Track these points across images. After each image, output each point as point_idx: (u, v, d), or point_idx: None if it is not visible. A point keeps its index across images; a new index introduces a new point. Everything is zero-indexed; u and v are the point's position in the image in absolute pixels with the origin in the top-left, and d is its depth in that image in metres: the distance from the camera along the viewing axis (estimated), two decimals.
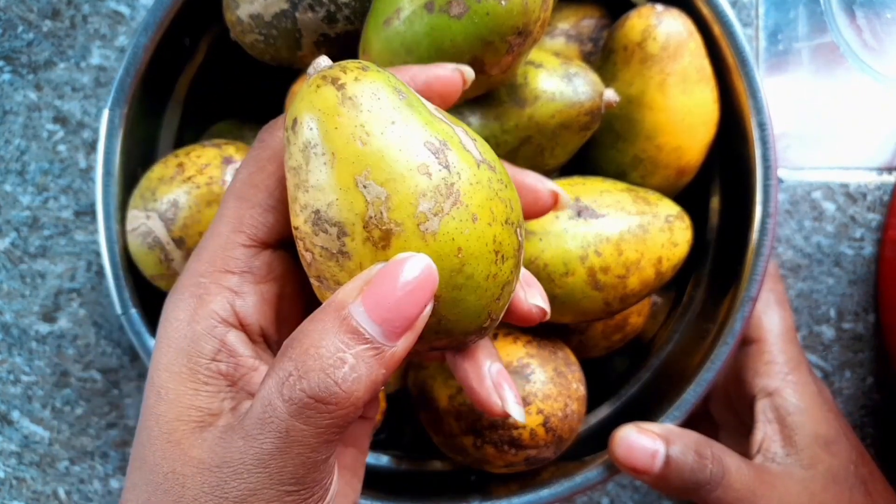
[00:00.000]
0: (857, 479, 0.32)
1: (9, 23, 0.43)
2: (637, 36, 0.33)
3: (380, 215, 0.19)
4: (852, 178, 0.43)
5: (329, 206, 0.20)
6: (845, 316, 0.43)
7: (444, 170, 0.20)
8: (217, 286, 0.21)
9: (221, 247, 0.22)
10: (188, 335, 0.21)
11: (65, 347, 0.43)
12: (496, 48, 0.27)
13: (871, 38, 0.42)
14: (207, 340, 0.21)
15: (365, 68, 0.21)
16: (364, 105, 0.20)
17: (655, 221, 0.32)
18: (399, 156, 0.20)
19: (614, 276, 0.31)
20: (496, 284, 0.21)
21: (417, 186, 0.19)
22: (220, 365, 0.21)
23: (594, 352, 0.38)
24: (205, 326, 0.21)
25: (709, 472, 0.30)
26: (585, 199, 0.32)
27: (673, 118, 0.33)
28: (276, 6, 0.31)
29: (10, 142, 0.43)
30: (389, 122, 0.20)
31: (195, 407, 0.20)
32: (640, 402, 0.37)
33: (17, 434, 0.43)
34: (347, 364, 0.19)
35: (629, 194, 0.32)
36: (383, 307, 0.19)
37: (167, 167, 0.33)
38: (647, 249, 0.32)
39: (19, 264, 0.43)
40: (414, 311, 0.19)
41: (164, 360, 0.21)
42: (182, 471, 0.20)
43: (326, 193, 0.20)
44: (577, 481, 0.32)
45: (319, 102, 0.20)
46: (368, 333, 0.19)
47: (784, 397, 0.33)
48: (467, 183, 0.20)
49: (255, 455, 0.19)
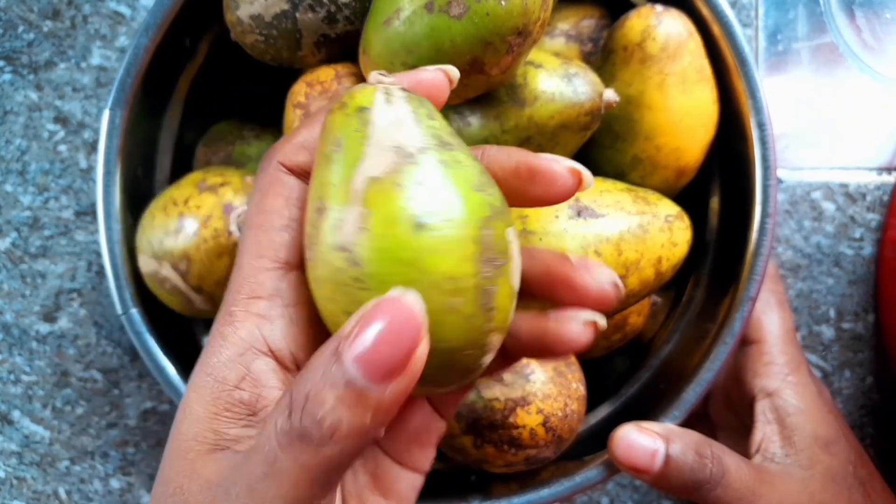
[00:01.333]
0: (855, 480, 0.33)
1: (9, 23, 0.43)
2: (636, 36, 0.33)
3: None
4: (852, 178, 0.43)
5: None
6: (845, 316, 0.43)
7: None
8: (245, 313, 0.21)
9: (246, 275, 0.22)
10: (217, 362, 0.21)
11: (65, 347, 0.43)
12: (496, 48, 0.27)
13: (871, 38, 0.42)
14: (232, 368, 0.21)
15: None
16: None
17: (655, 221, 0.32)
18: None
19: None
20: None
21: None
22: (242, 394, 0.21)
23: (594, 352, 0.38)
24: (231, 354, 0.21)
25: (708, 471, 0.30)
26: (585, 199, 0.32)
27: (672, 118, 0.33)
28: (276, 7, 0.31)
29: (10, 142, 0.43)
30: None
31: (212, 430, 0.20)
32: (639, 402, 0.37)
33: (18, 434, 0.43)
34: (328, 404, 0.18)
35: (629, 194, 0.32)
36: (365, 348, 0.18)
37: (168, 216, 0.33)
38: (646, 249, 0.32)
39: (20, 264, 0.43)
40: (397, 355, 0.18)
41: (195, 382, 0.21)
42: (189, 487, 0.20)
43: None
44: (577, 481, 0.32)
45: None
46: (350, 376, 0.18)
47: (784, 398, 0.33)
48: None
49: (247, 478, 0.19)
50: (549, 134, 0.32)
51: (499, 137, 0.31)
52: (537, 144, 0.32)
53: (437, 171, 0.19)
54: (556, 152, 0.33)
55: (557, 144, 0.32)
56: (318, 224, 0.20)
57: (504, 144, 0.31)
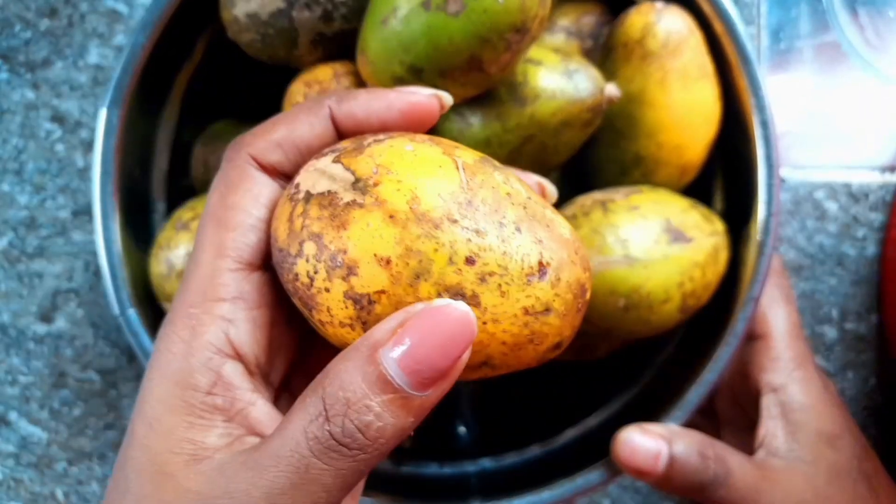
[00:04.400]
0: (860, 474, 0.32)
1: (6, 21, 0.43)
2: (637, 33, 0.33)
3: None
4: (855, 178, 0.43)
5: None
6: (848, 316, 0.43)
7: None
8: (209, 315, 0.20)
9: (208, 275, 0.21)
10: (183, 368, 0.20)
11: (62, 348, 0.43)
12: (494, 46, 0.27)
13: (874, 37, 0.42)
14: (203, 373, 0.20)
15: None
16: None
17: (719, 239, 0.32)
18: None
19: (697, 298, 0.32)
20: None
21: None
22: (216, 399, 0.20)
23: (596, 353, 0.38)
24: (200, 359, 0.20)
25: (712, 471, 0.30)
26: (675, 220, 0.32)
27: (674, 115, 0.33)
28: (272, 5, 0.31)
29: (7, 141, 0.43)
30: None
31: (188, 440, 0.20)
32: (642, 403, 0.37)
33: (15, 435, 0.43)
34: (373, 412, 0.18)
35: (696, 212, 0.33)
36: (414, 357, 0.18)
37: (159, 261, 0.34)
38: (717, 271, 0.32)
39: (17, 264, 0.43)
40: (446, 364, 0.18)
41: (157, 393, 0.20)
42: (175, 503, 0.19)
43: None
44: (578, 483, 0.32)
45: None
46: (397, 383, 0.18)
47: (789, 393, 0.33)
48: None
49: (265, 488, 0.18)
50: (552, 131, 0.31)
51: (501, 137, 0.31)
52: (540, 142, 0.32)
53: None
54: (559, 149, 0.32)
55: (560, 141, 0.32)
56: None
57: (507, 144, 0.31)
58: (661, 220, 0.32)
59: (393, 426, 0.18)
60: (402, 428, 0.18)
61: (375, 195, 0.19)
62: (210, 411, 0.20)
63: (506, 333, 0.19)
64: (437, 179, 0.19)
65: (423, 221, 0.19)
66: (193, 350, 0.20)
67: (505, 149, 0.31)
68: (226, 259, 0.21)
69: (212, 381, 0.20)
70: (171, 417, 0.20)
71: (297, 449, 0.18)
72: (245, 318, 0.21)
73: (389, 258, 0.19)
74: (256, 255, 0.21)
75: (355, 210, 0.19)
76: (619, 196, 0.33)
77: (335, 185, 0.20)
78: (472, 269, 0.19)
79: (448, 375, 0.18)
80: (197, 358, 0.20)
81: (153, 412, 0.20)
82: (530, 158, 0.32)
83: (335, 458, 0.18)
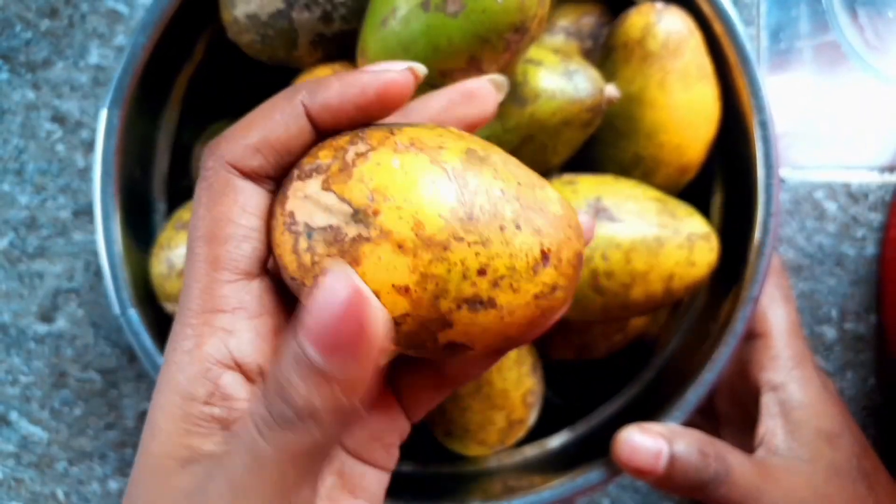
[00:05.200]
0: (860, 473, 0.32)
1: (6, 22, 0.43)
2: (637, 33, 0.33)
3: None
4: (854, 178, 0.43)
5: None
6: (847, 316, 0.43)
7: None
8: (209, 328, 0.21)
9: (206, 288, 0.21)
10: (183, 378, 0.20)
11: (63, 348, 0.43)
12: (493, 46, 0.27)
13: (874, 37, 0.42)
14: (201, 384, 0.20)
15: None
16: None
17: (674, 237, 0.31)
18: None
19: (618, 283, 0.31)
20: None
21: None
22: (213, 409, 0.20)
23: (595, 353, 0.38)
24: (198, 370, 0.20)
25: (713, 470, 0.30)
26: (607, 201, 0.31)
27: (673, 116, 0.33)
28: (272, 6, 0.31)
29: (8, 141, 0.43)
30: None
31: (184, 445, 0.20)
32: (642, 403, 0.37)
33: (16, 435, 0.43)
34: (300, 388, 0.19)
35: (656, 204, 0.32)
36: (318, 331, 0.18)
37: (160, 261, 0.34)
38: (658, 263, 0.31)
39: (17, 264, 0.43)
40: (346, 330, 0.18)
41: (160, 401, 0.21)
42: (162, 501, 0.20)
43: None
44: (578, 483, 0.32)
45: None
46: (308, 354, 0.18)
47: (789, 392, 0.33)
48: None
49: (228, 475, 0.19)
50: (552, 131, 0.31)
51: (500, 137, 0.31)
52: (540, 142, 0.32)
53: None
54: (559, 149, 0.32)
55: (560, 141, 0.32)
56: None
57: (506, 144, 0.31)
58: (592, 198, 0.31)
59: (321, 401, 0.19)
60: (335, 404, 0.19)
61: (379, 227, 0.20)
62: (208, 420, 0.20)
63: (521, 319, 0.20)
64: (434, 198, 0.20)
65: (431, 246, 0.19)
66: (193, 361, 0.21)
67: (505, 148, 0.31)
68: (222, 272, 0.21)
69: (209, 392, 0.20)
70: (170, 424, 0.20)
71: (248, 433, 0.19)
72: (246, 327, 0.21)
73: (407, 286, 0.19)
74: (253, 263, 0.21)
75: (364, 245, 0.19)
76: (576, 177, 0.33)
77: (334, 218, 0.20)
78: (485, 278, 0.20)
79: (359, 343, 0.18)
80: (196, 369, 0.20)
81: (156, 420, 0.21)
82: (530, 158, 0.32)
83: (278, 436, 0.19)
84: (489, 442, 0.36)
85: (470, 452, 0.36)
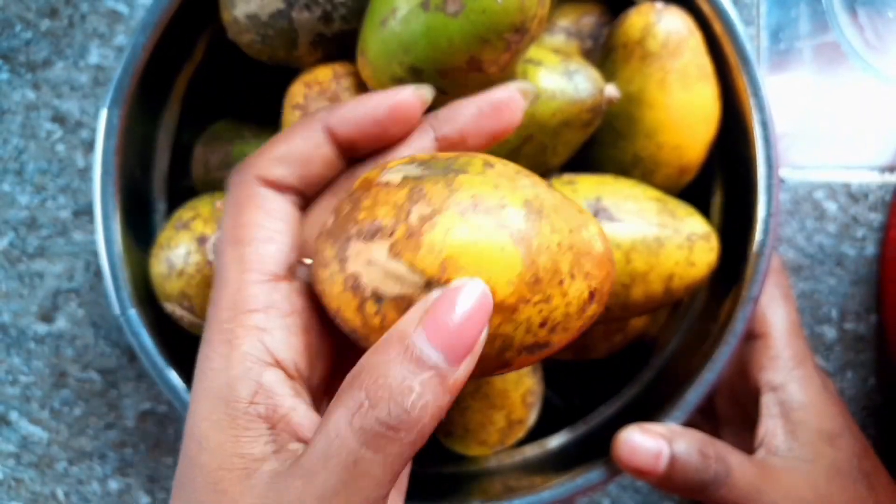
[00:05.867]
0: (860, 473, 0.32)
1: (6, 22, 0.43)
2: (637, 33, 0.33)
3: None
4: (854, 178, 0.43)
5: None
6: (847, 316, 0.43)
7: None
8: (243, 328, 0.21)
9: (237, 290, 0.21)
10: (224, 382, 0.21)
11: (63, 348, 0.43)
12: (494, 46, 0.27)
13: (874, 37, 0.42)
14: (244, 384, 0.21)
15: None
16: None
17: (675, 237, 0.31)
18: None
19: (618, 283, 0.31)
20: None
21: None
22: (258, 408, 0.20)
23: (595, 353, 0.38)
24: (240, 370, 0.21)
25: (713, 470, 0.30)
26: (607, 201, 0.31)
27: (673, 116, 0.33)
28: (272, 6, 0.31)
29: (8, 141, 0.43)
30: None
31: (238, 454, 0.20)
32: (642, 403, 0.37)
33: (16, 435, 0.43)
34: (415, 391, 0.19)
35: (656, 204, 0.32)
36: (443, 334, 0.19)
37: (160, 261, 0.34)
38: (658, 263, 0.31)
39: (17, 264, 0.43)
40: (473, 336, 0.19)
41: (202, 411, 0.21)
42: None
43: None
44: (578, 483, 0.32)
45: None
46: (432, 361, 0.19)
47: (789, 392, 0.33)
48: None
49: (317, 494, 0.19)
50: (551, 132, 0.31)
51: None
52: (540, 142, 0.32)
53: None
54: (559, 150, 0.32)
55: (560, 142, 0.32)
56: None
57: (506, 144, 0.31)
58: (592, 198, 0.31)
59: (434, 404, 0.19)
60: (441, 406, 0.19)
61: None
62: (254, 420, 0.20)
63: (567, 343, 0.22)
64: (503, 266, 0.21)
65: (501, 310, 0.20)
66: (232, 363, 0.21)
67: (505, 149, 0.31)
68: (251, 273, 0.21)
69: (253, 391, 0.21)
70: (218, 434, 0.20)
71: (345, 444, 0.19)
72: (279, 325, 0.21)
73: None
74: (280, 265, 0.22)
75: None
76: (576, 177, 0.33)
77: (406, 288, 0.20)
78: (545, 328, 0.21)
79: (474, 348, 0.20)
80: (237, 370, 0.21)
81: (201, 431, 0.21)
82: (530, 159, 0.32)
83: (383, 445, 0.19)
84: (489, 442, 0.36)
85: (470, 452, 0.36)
